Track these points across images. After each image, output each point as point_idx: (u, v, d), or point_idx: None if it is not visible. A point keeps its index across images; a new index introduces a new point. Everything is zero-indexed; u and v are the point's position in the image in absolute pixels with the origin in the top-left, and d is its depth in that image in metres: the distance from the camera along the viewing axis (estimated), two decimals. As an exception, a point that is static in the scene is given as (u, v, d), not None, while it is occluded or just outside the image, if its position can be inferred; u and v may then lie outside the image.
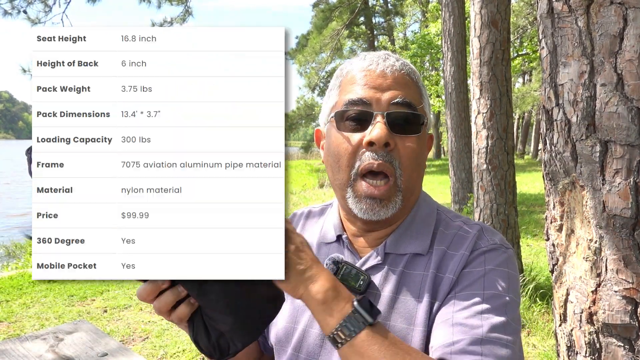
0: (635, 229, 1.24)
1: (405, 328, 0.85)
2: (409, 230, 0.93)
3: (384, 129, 0.85)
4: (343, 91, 0.92)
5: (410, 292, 0.87)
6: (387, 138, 0.85)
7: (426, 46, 17.29)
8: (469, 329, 0.78)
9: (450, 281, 0.85)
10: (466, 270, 0.86)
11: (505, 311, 0.81)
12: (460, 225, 0.94)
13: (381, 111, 0.87)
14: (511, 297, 0.83)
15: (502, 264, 0.87)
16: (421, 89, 0.94)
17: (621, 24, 1.22)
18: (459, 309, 0.81)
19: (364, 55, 0.94)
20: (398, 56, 0.95)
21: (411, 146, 0.88)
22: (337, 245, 0.98)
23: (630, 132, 1.23)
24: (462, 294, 0.83)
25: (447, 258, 0.88)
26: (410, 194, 0.92)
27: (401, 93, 0.88)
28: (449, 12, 6.81)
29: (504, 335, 0.78)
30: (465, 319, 0.80)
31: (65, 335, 1.97)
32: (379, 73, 0.89)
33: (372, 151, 0.86)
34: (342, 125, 0.89)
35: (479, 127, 4.58)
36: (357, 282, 0.88)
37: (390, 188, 0.87)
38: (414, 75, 0.93)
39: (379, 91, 0.88)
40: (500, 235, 0.93)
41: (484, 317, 0.79)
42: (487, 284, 0.83)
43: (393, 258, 0.92)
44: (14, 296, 5.08)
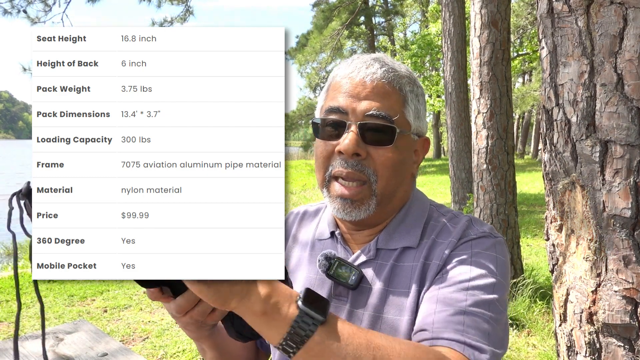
0: (635, 229, 1.24)
1: (398, 319, 0.86)
2: (401, 227, 0.95)
3: (354, 139, 0.86)
4: (328, 96, 0.94)
5: (401, 284, 0.88)
6: (355, 149, 0.86)
7: (426, 46, 17.28)
8: (453, 302, 0.79)
9: (437, 266, 0.86)
10: (454, 253, 0.87)
11: (493, 290, 0.81)
12: (450, 218, 0.95)
13: (355, 121, 0.88)
14: (498, 280, 0.84)
15: (489, 248, 0.87)
16: (406, 95, 0.92)
17: (621, 24, 1.22)
18: (444, 286, 0.82)
19: (351, 60, 0.94)
20: (386, 61, 0.93)
21: (386, 155, 0.89)
22: (331, 242, 1.00)
23: (630, 132, 1.23)
24: (447, 274, 0.84)
25: (435, 246, 0.90)
26: (389, 199, 0.93)
27: (377, 105, 0.88)
28: (449, 12, 6.81)
29: (488, 312, 0.79)
30: (450, 294, 0.80)
31: (65, 335, 1.97)
32: (358, 81, 0.89)
33: (342, 159, 0.88)
34: (323, 130, 0.92)
35: (479, 127, 4.58)
36: (349, 277, 0.90)
37: (363, 191, 0.89)
38: (397, 83, 0.91)
39: (356, 100, 0.88)
40: (490, 225, 0.93)
41: (469, 293, 0.80)
42: (474, 265, 0.84)
43: (384, 253, 0.93)
44: (14, 296, 5.08)
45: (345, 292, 0.92)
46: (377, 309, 0.88)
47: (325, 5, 18.11)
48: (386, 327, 0.87)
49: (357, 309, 0.90)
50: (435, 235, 0.91)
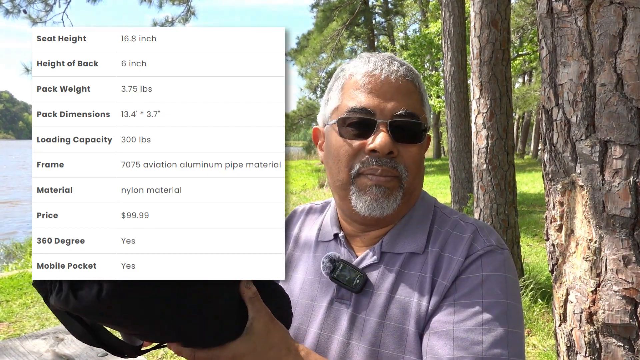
0: (635, 229, 1.24)
1: (400, 327, 0.85)
2: (405, 229, 0.94)
3: (387, 138, 0.86)
4: (346, 96, 0.92)
5: (406, 292, 0.87)
6: (390, 147, 0.86)
7: (426, 46, 17.27)
8: (470, 345, 0.78)
9: (444, 287, 0.85)
10: (463, 277, 0.85)
11: (507, 320, 0.81)
12: (455, 223, 0.93)
13: (384, 120, 0.87)
14: (511, 303, 0.83)
15: (499, 267, 0.86)
16: (423, 94, 0.94)
17: (621, 24, 1.23)
18: (459, 320, 0.81)
19: (367, 58, 0.93)
20: (401, 60, 0.95)
21: (415, 152, 0.90)
22: (334, 244, 0.99)
23: (630, 132, 1.23)
24: (461, 303, 0.83)
25: (442, 261, 0.88)
26: (410, 195, 0.93)
27: (404, 104, 0.88)
28: (449, 12, 6.81)
29: (505, 350, 0.78)
30: (466, 333, 0.80)
31: (65, 335, 1.97)
32: (383, 79, 0.89)
33: (375, 158, 0.87)
34: (344, 130, 0.90)
35: (479, 127, 4.58)
36: (353, 280, 0.89)
37: (394, 182, 0.89)
38: (416, 81, 0.93)
39: (382, 100, 0.88)
40: (496, 235, 0.92)
41: (485, 330, 0.79)
42: (486, 292, 0.83)
43: (390, 257, 0.92)
44: (14, 296, 5.08)
45: (349, 295, 0.91)
46: (380, 314, 0.87)
47: (326, 5, 18.11)
48: (389, 333, 0.86)
49: (360, 313, 0.89)
50: (441, 248, 0.89)
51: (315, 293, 0.95)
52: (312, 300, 0.95)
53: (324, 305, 0.92)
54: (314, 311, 0.93)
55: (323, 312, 0.92)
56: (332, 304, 0.92)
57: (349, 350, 0.87)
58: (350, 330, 0.88)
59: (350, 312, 0.90)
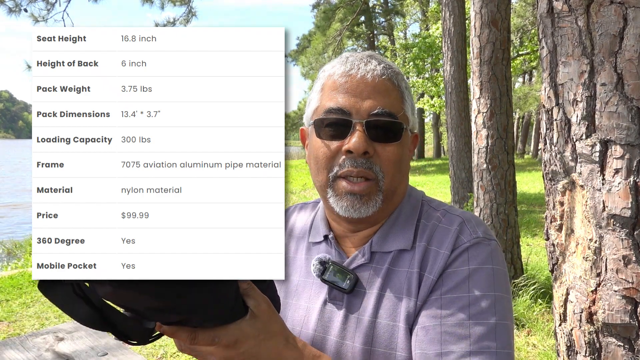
0: (635, 229, 1.24)
1: (391, 324, 0.86)
2: (394, 227, 0.94)
3: (362, 137, 0.86)
4: (324, 96, 0.92)
5: (396, 290, 0.88)
6: (365, 147, 0.86)
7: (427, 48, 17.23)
8: (457, 340, 0.79)
9: (431, 282, 0.85)
10: (450, 271, 0.85)
11: (494, 312, 0.81)
12: (440, 215, 0.93)
13: (360, 119, 0.87)
14: (498, 295, 0.83)
15: (486, 260, 0.85)
16: (403, 92, 0.93)
17: (621, 24, 1.23)
18: (446, 315, 0.82)
19: (345, 58, 0.93)
20: (381, 58, 0.94)
21: (392, 151, 0.89)
22: (325, 245, 0.99)
23: (630, 132, 1.23)
24: (447, 297, 0.83)
25: (429, 255, 0.88)
26: (392, 195, 0.93)
27: (381, 103, 0.88)
28: (449, 12, 6.80)
29: (493, 342, 0.79)
30: (453, 327, 0.80)
31: (65, 335, 1.97)
32: (359, 79, 0.88)
33: (350, 159, 0.87)
34: (322, 131, 0.90)
35: (479, 127, 4.58)
36: (343, 281, 0.89)
37: (371, 186, 0.88)
38: (395, 79, 0.91)
39: (359, 99, 0.88)
40: (484, 226, 0.91)
41: (472, 324, 0.80)
42: (473, 285, 0.83)
43: (379, 256, 0.92)
44: (14, 296, 5.09)
45: (341, 296, 0.91)
46: (372, 313, 0.87)
47: (326, 5, 18.11)
48: (380, 332, 0.86)
49: (352, 313, 0.89)
50: (427, 242, 0.89)
51: (309, 294, 0.96)
52: (306, 301, 0.95)
53: (318, 307, 0.93)
54: (307, 312, 0.94)
55: (317, 313, 0.92)
56: (325, 305, 0.92)
57: (343, 350, 0.88)
58: (344, 331, 0.89)
59: (343, 312, 0.90)
